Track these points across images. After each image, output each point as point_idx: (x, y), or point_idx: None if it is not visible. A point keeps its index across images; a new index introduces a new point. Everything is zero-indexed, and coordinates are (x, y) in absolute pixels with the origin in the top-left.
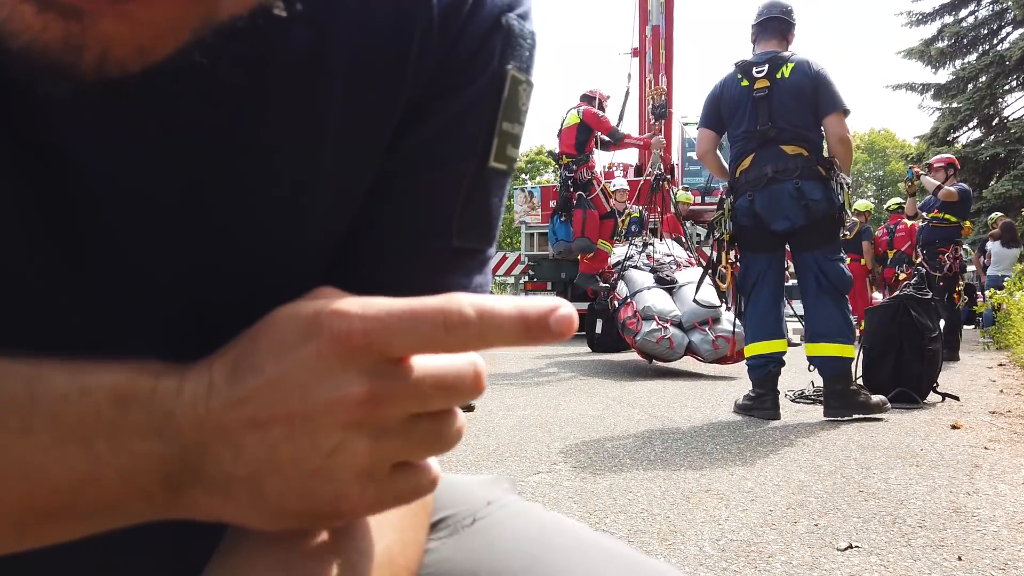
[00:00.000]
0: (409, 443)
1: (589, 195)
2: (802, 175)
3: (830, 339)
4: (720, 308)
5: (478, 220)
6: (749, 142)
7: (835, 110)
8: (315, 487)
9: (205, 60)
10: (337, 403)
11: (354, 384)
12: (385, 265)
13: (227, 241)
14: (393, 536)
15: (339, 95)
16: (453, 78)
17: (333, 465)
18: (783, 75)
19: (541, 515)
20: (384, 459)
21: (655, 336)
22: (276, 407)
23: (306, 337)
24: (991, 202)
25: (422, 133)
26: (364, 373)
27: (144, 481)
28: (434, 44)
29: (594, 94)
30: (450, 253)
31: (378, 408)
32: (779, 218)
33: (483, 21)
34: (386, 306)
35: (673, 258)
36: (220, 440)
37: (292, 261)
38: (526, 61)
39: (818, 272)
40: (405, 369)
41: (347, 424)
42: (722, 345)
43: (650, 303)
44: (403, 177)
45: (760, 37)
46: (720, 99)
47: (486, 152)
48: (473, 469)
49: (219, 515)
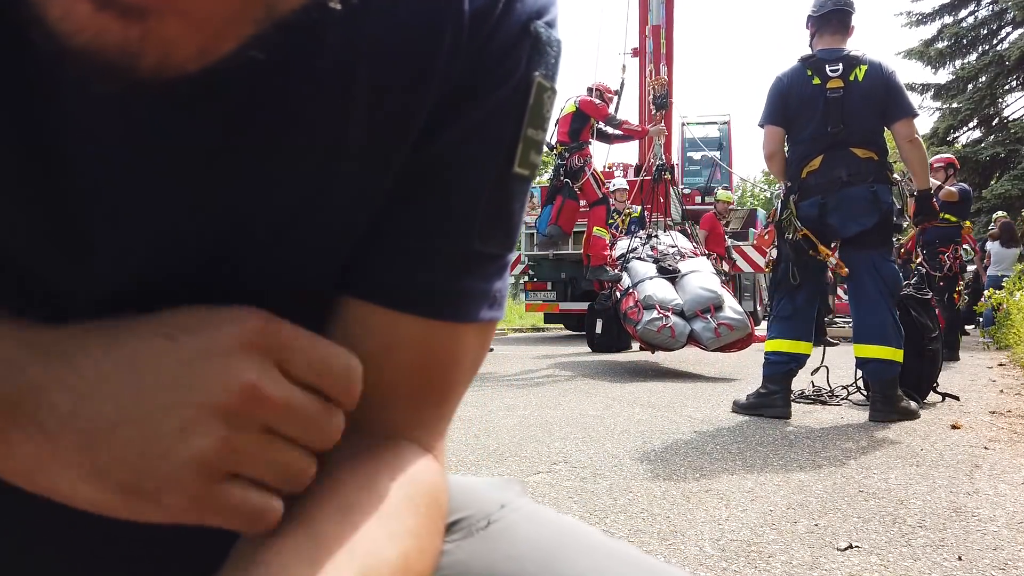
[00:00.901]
0: (258, 458)
1: (579, 182)
2: (876, 179)
3: (881, 342)
4: (722, 296)
5: (500, 225)
6: (817, 143)
7: (907, 115)
8: (150, 461)
9: (263, 56)
10: (219, 382)
11: (245, 372)
12: (406, 267)
13: (244, 242)
14: (410, 542)
15: (365, 96)
16: (480, 83)
17: (179, 444)
18: (856, 77)
19: (554, 518)
20: (229, 462)
21: (656, 325)
22: (158, 363)
23: (231, 319)
24: (991, 202)
25: (448, 136)
26: (258, 368)
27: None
28: (463, 48)
29: (598, 87)
30: (471, 257)
31: (253, 405)
32: (851, 222)
33: (512, 27)
34: (307, 332)
35: (677, 249)
36: (64, 385)
37: (309, 262)
38: (552, 68)
39: (874, 272)
40: (291, 386)
41: (214, 408)
42: (724, 333)
43: (651, 292)
44: (427, 180)
45: (822, 30)
46: (788, 95)
47: (511, 158)
48: (473, 469)
49: (33, 466)
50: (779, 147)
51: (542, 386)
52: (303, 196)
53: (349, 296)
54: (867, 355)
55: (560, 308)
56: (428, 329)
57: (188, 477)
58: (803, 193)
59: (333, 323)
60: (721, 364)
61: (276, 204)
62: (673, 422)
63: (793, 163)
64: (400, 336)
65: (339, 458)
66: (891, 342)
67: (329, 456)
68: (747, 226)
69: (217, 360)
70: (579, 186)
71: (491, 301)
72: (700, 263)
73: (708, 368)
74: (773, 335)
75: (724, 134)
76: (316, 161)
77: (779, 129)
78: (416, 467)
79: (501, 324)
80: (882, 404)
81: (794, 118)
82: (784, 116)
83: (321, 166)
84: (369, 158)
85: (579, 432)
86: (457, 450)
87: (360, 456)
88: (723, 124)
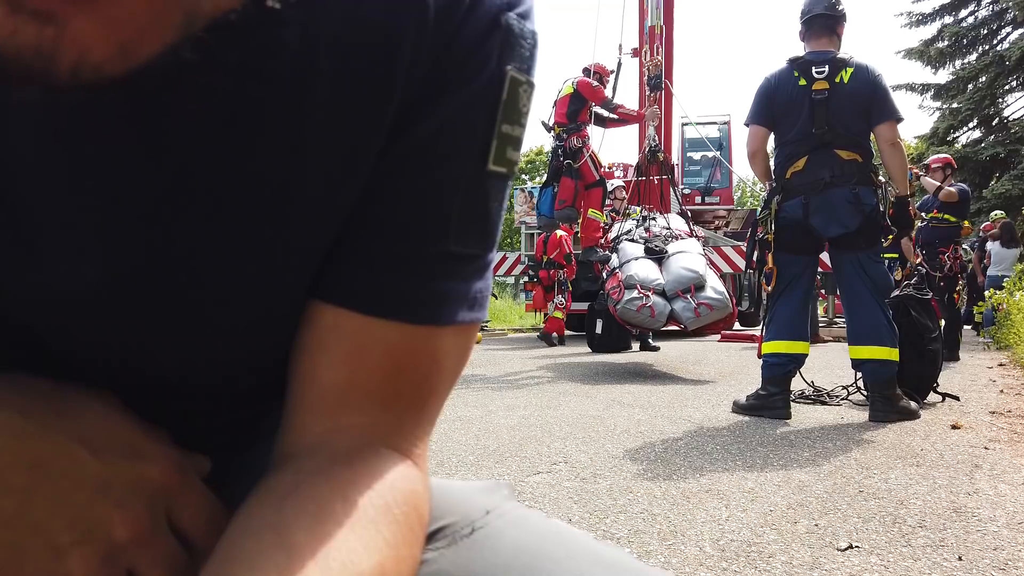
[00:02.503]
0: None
1: (578, 163)
2: (859, 181)
3: (876, 342)
4: (704, 276)
5: (476, 225)
6: (802, 144)
7: (890, 118)
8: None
9: (197, 58)
10: (117, 515)
11: (133, 508)
12: (378, 270)
13: (206, 253)
14: (387, 552)
15: (327, 96)
16: (448, 78)
17: (53, 563)
18: (842, 79)
19: (541, 524)
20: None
21: (635, 304)
22: (67, 472)
23: (150, 451)
24: (991, 202)
25: (416, 134)
26: (152, 510)
27: None
28: (428, 43)
29: (596, 68)
30: (447, 258)
31: (138, 547)
32: (833, 223)
33: (480, 20)
34: (203, 488)
35: (671, 231)
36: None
37: (278, 269)
38: (527, 61)
39: (862, 273)
40: (172, 537)
41: (103, 540)
42: (704, 312)
43: (633, 272)
44: (397, 179)
45: (809, 34)
46: (774, 95)
47: (484, 155)
48: (473, 469)
49: None
50: (762, 146)
51: (542, 386)
52: (266, 201)
53: (320, 302)
54: (862, 356)
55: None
56: (404, 333)
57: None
58: (787, 193)
59: (306, 329)
60: (721, 364)
61: (235, 212)
62: (673, 422)
63: (779, 164)
64: (375, 341)
65: (314, 466)
66: (885, 342)
67: (304, 464)
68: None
69: (121, 490)
70: (577, 167)
71: (470, 303)
72: (689, 244)
73: (708, 369)
74: (770, 337)
75: (724, 134)
76: (279, 164)
77: (763, 129)
78: (394, 474)
79: (501, 324)
80: (881, 404)
81: (780, 119)
82: (770, 116)
83: (285, 169)
84: (335, 159)
85: (579, 432)
86: (457, 450)
87: (336, 464)
88: (723, 124)
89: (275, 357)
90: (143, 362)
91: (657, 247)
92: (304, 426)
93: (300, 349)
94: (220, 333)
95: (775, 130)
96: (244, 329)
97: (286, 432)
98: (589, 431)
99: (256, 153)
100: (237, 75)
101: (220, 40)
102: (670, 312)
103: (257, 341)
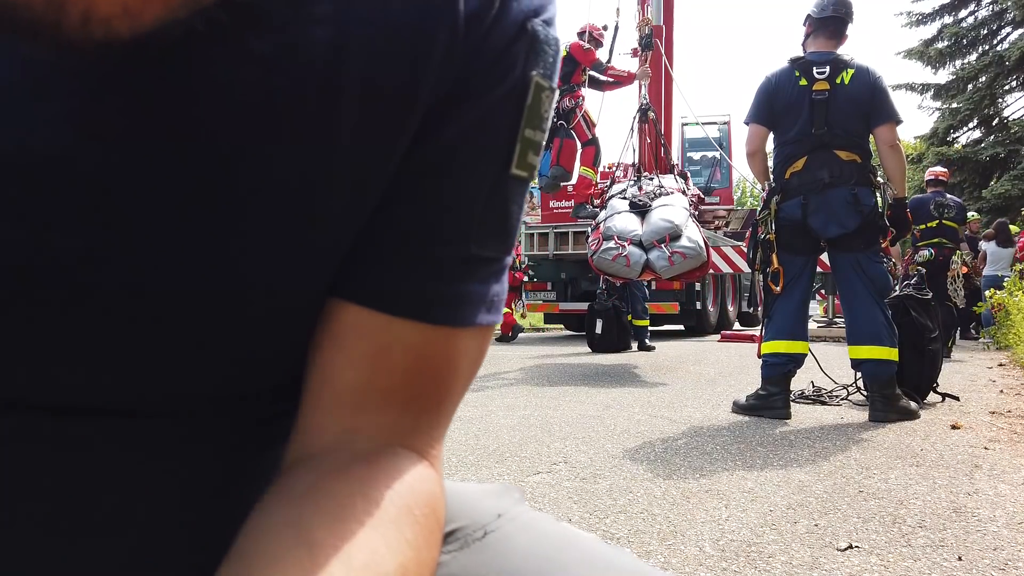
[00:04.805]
0: None
1: (571, 124)
2: (858, 182)
3: (874, 342)
4: (680, 226)
5: (497, 228)
6: (802, 144)
7: (890, 120)
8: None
9: (206, 29)
10: None
11: None
12: (400, 271)
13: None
14: (409, 553)
15: (356, 98)
16: (476, 83)
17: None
18: (843, 80)
19: (551, 528)
20: None
21: (610, 254)
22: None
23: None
24: (991, 202)
25: (442, 138)
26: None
27: None
28: (458, 49)
29: (589, 29)
30: (468, 261)
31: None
32: (832, 224)
33: (508, 26)
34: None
35: (663, 189)
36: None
37: (297, 268)
38: (550, 68)
39: (861, 273)
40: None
41: None
42: (678, 261)
43: (612, 224)
44: (421, 182)
45: (817, 32)
46: (774, 95)
47: (508, 159)
48: (473, 469)
49: None
50: (761, 146)
51: (542, 386)
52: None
53: (341, 300)
54: (861, 356)
55: (560, 308)
56: (424, 334)
57: None
58: (786, 193)
59: (324, 328)
60: (721, 364)
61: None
62: (673, 422)
63: (778, 164)
64: (395, 341)
65: (333, 465)
66: (884, 342)
67: (322, 463)
68: (747, 226)
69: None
70: (571, 127)
71: (488, 305)
72: (674, 199)
73: (708, 368)
74: (769, 337)
75: (724, 134)
76: (303, 163)
77: (763, 128)
78: (413, 475)
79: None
80: (881, 404)
81: (780, 119)
82: (769, 116)
83: (309, 168)
84: (360, 160)
85: (579, 432)
86: (457, 450)
87: (355, 463)
88: (723, 124)
89: (291, 356)
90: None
91: (641, 201)
92: (321, 426)
93: (318, 348)
94: (235, 331)
95: (775, 130)
96: (260, 328)
97: (302, 432)
98: (589, 431)
99: (281, 149)
100: (267, 68)
101: (251, 32)
102: (645, 262)
103: (273, 340)
